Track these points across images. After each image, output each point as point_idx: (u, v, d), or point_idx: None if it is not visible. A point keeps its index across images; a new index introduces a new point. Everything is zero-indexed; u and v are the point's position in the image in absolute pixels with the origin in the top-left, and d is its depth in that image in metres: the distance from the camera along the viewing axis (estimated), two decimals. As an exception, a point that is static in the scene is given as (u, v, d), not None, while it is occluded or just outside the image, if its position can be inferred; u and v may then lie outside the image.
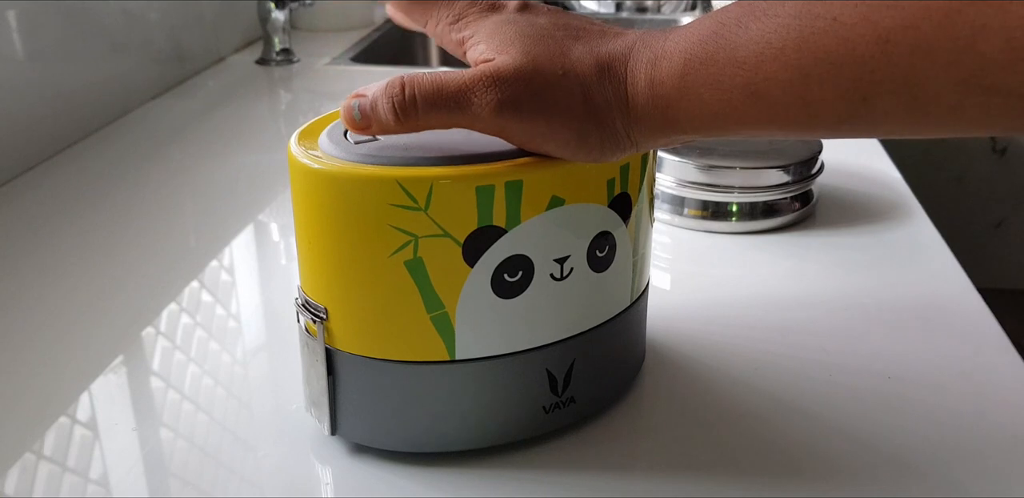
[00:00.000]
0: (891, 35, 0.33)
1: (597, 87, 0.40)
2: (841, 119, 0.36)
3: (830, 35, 0.34)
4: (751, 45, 0.36)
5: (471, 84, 0.40)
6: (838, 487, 0.45)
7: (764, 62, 0.36)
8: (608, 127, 0.40)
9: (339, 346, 0.45)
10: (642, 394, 0.52)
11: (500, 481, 0.46)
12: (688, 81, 0.38)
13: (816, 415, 0.50)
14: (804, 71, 0.35)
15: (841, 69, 0.34)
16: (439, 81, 0.40)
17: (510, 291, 0.43)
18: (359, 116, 0.41)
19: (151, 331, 0.59)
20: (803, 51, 0.35)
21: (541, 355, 0.45)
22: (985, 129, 0.35)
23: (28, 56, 0.85)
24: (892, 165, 0.84)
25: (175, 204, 0.79)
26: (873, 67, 0.33)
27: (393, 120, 0.41)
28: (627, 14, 1.54)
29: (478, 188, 0.41)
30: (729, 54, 0.37)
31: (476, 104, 0.39)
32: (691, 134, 0.40)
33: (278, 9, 1.18)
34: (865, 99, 0.34)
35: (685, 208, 0.72)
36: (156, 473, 0.47)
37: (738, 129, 0.39)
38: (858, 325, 0.59)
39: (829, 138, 0.41)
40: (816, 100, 0.35)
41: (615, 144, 0.41)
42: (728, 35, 0.37)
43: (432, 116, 0.40)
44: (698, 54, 0.38)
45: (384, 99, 0.41)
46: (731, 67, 0.37)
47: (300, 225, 0.44)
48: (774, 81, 0.36)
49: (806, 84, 0.35)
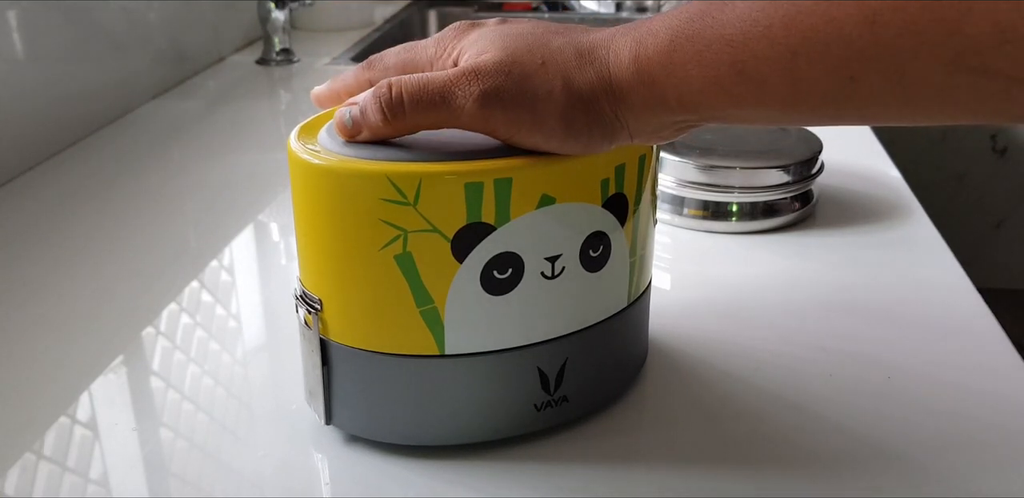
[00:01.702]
0: (878, 16, 0.33)
1: (578, 72, 0.40)
2: (828, 99, 0.36)
3: (817, 14, 0.34)
4: (738, 23, 0.36)
5: (454, 79, 0.41)
6: (838, 485, 0.45)
7: (751, 40, 0.36)
8: (594, 110, 0.41)
9: (333, 337, 0.45)
10: (640, 393, 0.52)
11: (495, 474, 0.46)
12: (675, 57, 0.38)
13: (816, 414, 0.50)
14: (792, 49, 0.35)
15: (828, 48, 0.34)
16: (424, 79, 0.41)
17: (500, 288, 0.44)
18: (350, 123, 0.43)
19: (151, 331, 0.59)
20: (790, 29, 0.35)
21: (532, 353, 0.46)
22: (972, 114, 0.35)
23: (28, 56, 0.85)
24: (892, 165, 0.84)
25: (175, 204, 0.79)
26: (861, 46, 0.34)
27: (381, 120, 0.42)
28: (627, 14, 1.54)
29: (467, 184, 0.41)
30: (716, 31, 0.37)
31: (460, 97, 0.40)
32: (682, 114, 0.40)
33: (278, 9, 1.18)
34: (853, 79, 0.35)
35: (685, 208, 0.72)
36: (156, 473, 0.47)
37: (727, 109, 0.39)
38: (858, 325, 0.59)
39: (816, 124, 0.42)
40: (804, 78, 0.36)
41: (604, 128, 0.41)
42: (715, 13, 0.37)
43: (419, 113, 0.41)
44: (685, 31, 0.38)
45: (372, 101, 0.42)
46: (718, 44, 0.37)
47: (297, 218, 0.45)
48: (762, 59, 0.36)
49: (794, 62, 0.35)
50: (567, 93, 0.40)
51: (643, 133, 0.42)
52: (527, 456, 0.47)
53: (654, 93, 0.40)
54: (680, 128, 0.42)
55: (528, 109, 0.40)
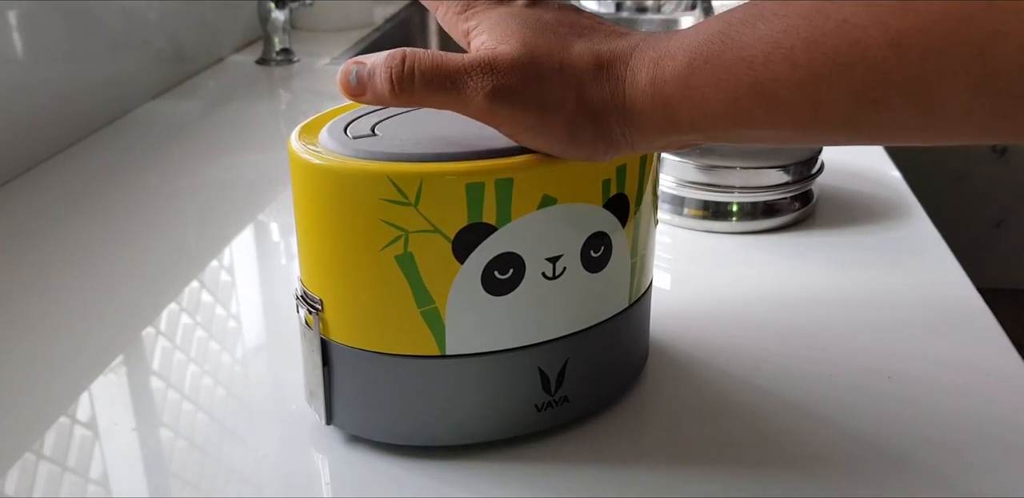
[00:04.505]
0: (903, 38, 0.32)
1: (593, 85, 0.40)
2: (847, 121, 0.36)
3: (841, 36, 0.34)
4: (759, 44, 0.36)
5: (468, 67, 0.40)
6: (838, 485, 0.45)
7: (772, 62, 0.35)
8: (603, 126, 0.40)
9: (334, 337, 0.45)
10: (641, 393, 0.52)
11: (496, 475, 0.46)
12: (692, 80, 0.38)
13: (816, 414, 0.50)
14: (814, 71, 0.35)
15: (851, 70, 0.34)
16: (439, 59, 0.40)
17: (501, 288, 0.43)
18: (355, 81, 0.41)
19: (151, 331, 0.59)
20: (813, 51, 0.34)
21: (533, 353, 0.46)
22: (994, 135, 0.34)
23: (28, 56, 0.85)
24: (892, 165, 0.84)
25: (175, 204, 0.79)
26: (884, 69, 0.33)
27: (388, 91, 0.41)
28: (627, 14, 1.54)
29: (468, 185, 0.41)
30: (736, 53, 0.36)
31: (471, 87, 0.40)
32: (691, 135, 0.40)
33: (278, 9, 1.18)
34: (875, 101, 0.34)
35: (685, 208, 0.72)
36: (156, 473, 0.47)
37: (740, 130, 0.39)
38: (858, 325, 0.59)
39: (830, 144, 0.41)
40: (825, 101, 0.35)
41: (609, 144, 0.41)
42: (735, 35, 0.37)
43: (427, 93, 0.40)
44: (703, 53, 0.37)
45: (383, 69, 0.41)
46: (738, 66, 0.36)
47: (298, 217, 0.45)
48: (782, 81, 0.36)
49: (815, 84, 0.35)
50: (578, 105, 0.40)
51: (647, 149, 0.42)
52: (527, 456, 0.47)
53: (667, 116, 0.39)
54: (684, 145, 0.42)
55: (536, 113, 0.40)
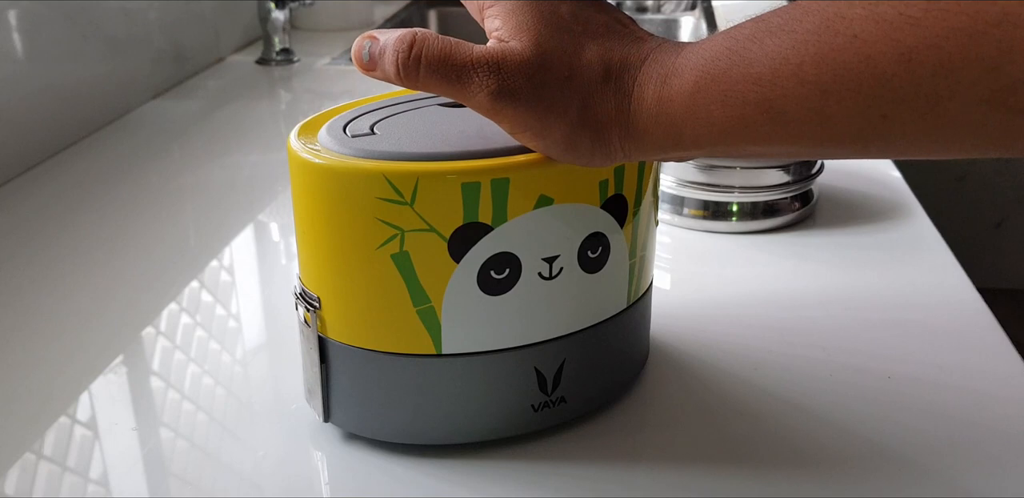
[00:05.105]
0: (914, 54, 0.32)
1: (599, 99, 0.39)
2: (857, 137, 0.35)
3: (850, 52, 0.33)
4: (767, 61, 0.35)
5: (476, 63, 0.39)
6: (838, 485, 0.45)
7: (781, 78, 0.35)
8: (603, 138, 0.40)
9: (331, 335, 0.46)
10: (641, 393, 0.52)
11: (495, 474, 0.46)
12: (698, 98, 0.37)
13: (816, 414, 0.50)
14: (823, 87, 0.34)
15: (861, 86, 0.34)
16: (447, 50, 0.40)
17: (497, 288, 0.44)
18: (367, 58, 0.42)
19: (151, 331, 0.59)
20: (822, 67, 0.34)
21: (529, 353, 0.46)
22: (1003, 149, 0.34)
23: (28, 56, 0.85)
24: (892, 165, 0.84)
25: (175, 204, 0.79)
26: (895, 85, 0.33)
27: (394, 74, 0.41)
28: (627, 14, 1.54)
29: (464, 184, 0.41)
30: (743, 70, 0.36)
31: (476, 84, 0.39)
32: (692, 151, 0.40)
33: (278, 9, 1.18)
34: (884, 117, 0.34)
35: (685, 208, 0.72)
36: (156, 473, 0.47)
37: (746, 146, 0.38)
38: (858, 325, 0.59)
39: (837, 158, 0.41)
40: (833, 117, 0.35)
41: (606, 154, 0.41)
42: (742, 51, 0.36)
43: (431, 82, 0.40)
44: (710, 71, 0.37)
45: (391, 51, 0.41)
46: (745, 83, 0.36)
47: (297, 216, 0.45)
48: (791, 97, 0.35)
49: (824, 100, 0.35)
50: (581, 117, 0.40)
51: (644, 160, 0.42)
52: (526, 455, 0.47)
53: (670, 134, 0.39)
54: (683, 158, 0.42)
55: (538, 118, 0.40)
